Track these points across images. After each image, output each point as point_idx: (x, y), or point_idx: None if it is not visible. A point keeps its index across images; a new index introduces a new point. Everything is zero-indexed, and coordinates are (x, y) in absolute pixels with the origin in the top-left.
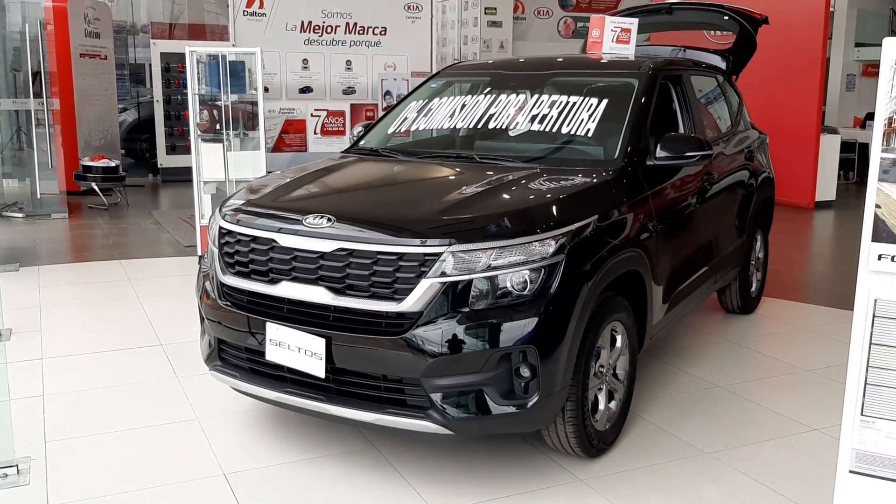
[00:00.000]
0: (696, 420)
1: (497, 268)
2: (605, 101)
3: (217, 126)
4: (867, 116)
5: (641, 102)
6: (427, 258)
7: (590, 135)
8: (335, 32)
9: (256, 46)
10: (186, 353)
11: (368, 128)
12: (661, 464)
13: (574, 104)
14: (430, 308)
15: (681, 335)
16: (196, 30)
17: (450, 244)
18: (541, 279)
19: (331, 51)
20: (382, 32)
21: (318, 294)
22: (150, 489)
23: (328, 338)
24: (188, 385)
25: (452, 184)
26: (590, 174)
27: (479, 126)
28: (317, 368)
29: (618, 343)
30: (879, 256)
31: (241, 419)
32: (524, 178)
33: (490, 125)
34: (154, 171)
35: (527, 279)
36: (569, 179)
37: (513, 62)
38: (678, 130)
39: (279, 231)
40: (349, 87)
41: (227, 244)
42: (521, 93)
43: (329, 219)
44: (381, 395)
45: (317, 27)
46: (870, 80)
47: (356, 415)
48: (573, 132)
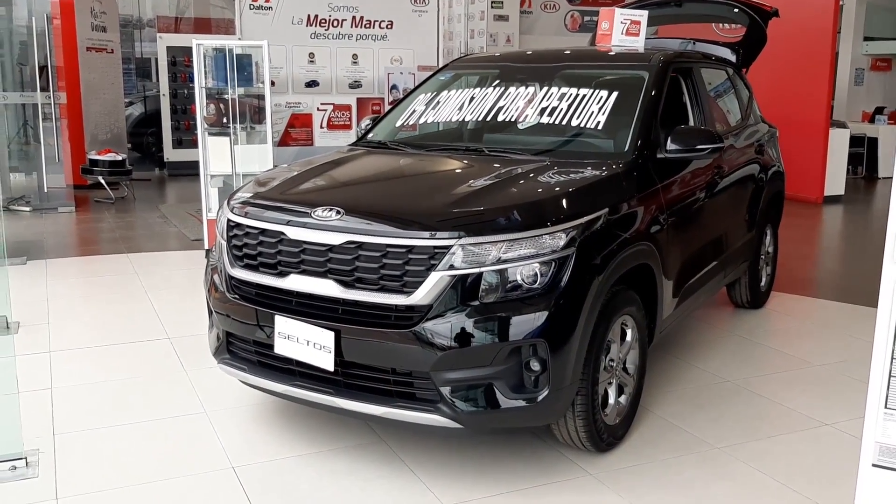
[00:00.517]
0: (707, 415)
1: (507, 261)
2: (616, 94)
3: (224, 120)
4: (876, 111)
5: (652, 95)
6: (437, 251)
7: (600, 127)
8: (341, 26)
9: (263, 40)
10: (194, 347)
11: (376, 120)
12: (672, 459)
13: (584, 97)
14: (440, 301)
15: (690, 329)
16: (202, 24)
17: (459, 237)
18: (551, 272)
19: (337, 45)
20: (389, 26)
21: (327, 287)
22: (159, 482)
23: (337, 331)
24: (196, 378)
25: (462, 177)
26: (600, 167)
27: (488, 119)
28: (326, 362)
29: (628, 337)
30: None
31: (250, 412)
32: (534, 171)
33: (499, 118)
34: (160, 165)
35: (537, 272)
36: (579, 172)
37: (522, 55)
38: (688, 123)
39: (288, 224)
40: (355, 81)
41: (236, 237)
42: (531, 85)
43: (338, 211)
44: (391, 389)
45: (323, 21)
46: (878, 75)
47: (365, 408)
48: (583, 125)
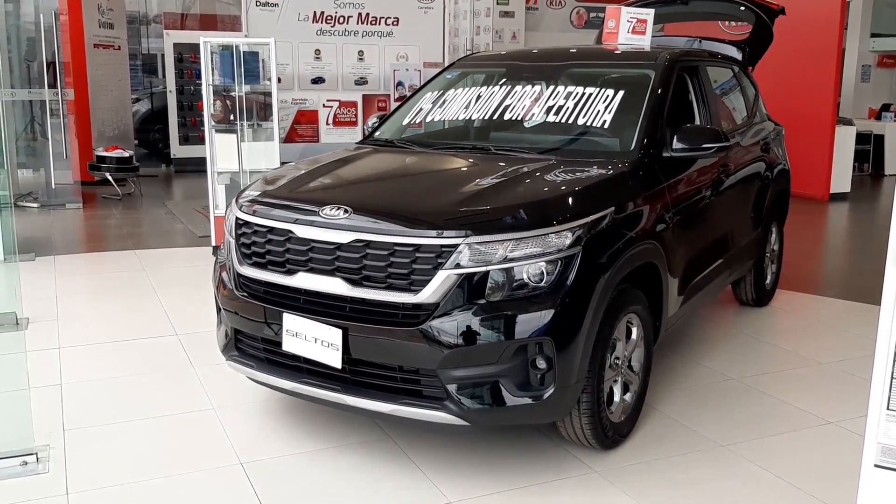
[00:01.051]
0: (712, 413)
1: (513, 259)
2: (622, 93)
3: (231, 116)
4: (883, 107)
5: (658, 94)
6: (444, 250)
7: (606, 126)
8: (347, 23)
9: (269, 37)
10: (202, 343)
11: (383, 119)
12: (677, 456)
13: (590, 95)
14: (447, 299)
15: (695, 327)
16: (208, 20)
17: (466, 236)
18: (557, 271)
19: (343, 41)
20: (395, 23)
21: (335, 285)
22: (168, 478)
23: (345, 328)
24: (204, 375)
25: (468, 175)
26: (606, 166)
27: (495, 117)
28: (333, 359)
29: (633, 335)
30: None
31: (257, 409)
32: (540, 170)
33: (506, 116)
34: (167, 162)
35: (543, 271)
36: (585, 171)
37: (528, 53)
38: (694, 122)
39: (296, 222)
40: (361, 78)
41: (244, 235)
42: (537, 84)
43: (345, 210)
44: (398, 386)
45: (329, 17)
46: (885, 71)
47: (372, 405)
48: (589, 123)
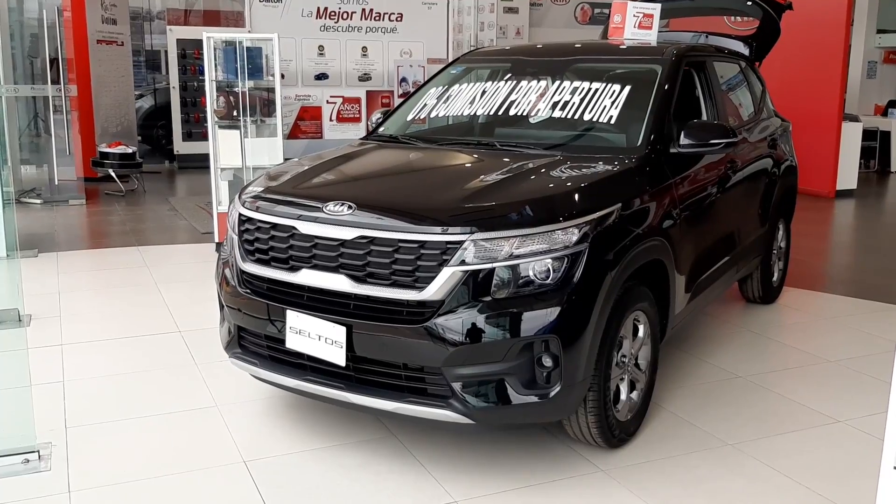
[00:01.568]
0: (718, 411)
1: (519, 256)
2: (628, 88)
3: (234, 113)
4: (889, 104)
5: (665, 89)
6: (448, 246)
7: (612, 122)
8: (351, 19)
9: (272, 33)
10: (205, 340)
11: (388, 114)
12: (684, 455)
13: (596, 91)
14: (452, 297)
15: (701, 324)
16: (211, 16)
17: (471, 232)
18: (564, 268)
19: (346, 37)
20: (398, 19)
21: (339, 282)
22: (171, 476)
23: (349, 326)
24: (207, 372)
25: (473, 171)
26: (613, 162)
27: (500, 113)
28: (337, 357)
29: (640, 333)
30: None
31: (261, 407)
32: (546, 166)
33: (511, 112)
34: (170, 158)
35: (549, 268)
36: (591, 167)
37: (533, 48)
38: (701, 118)
39: (299, 218)
40: (365, 74)
41: (247, 231)
42: (543, 79)
43: (350, 206)
44: (402, 384)
45: (332, 13)
46: (891, 68)
47: (376, 403)
48: (595, 119)
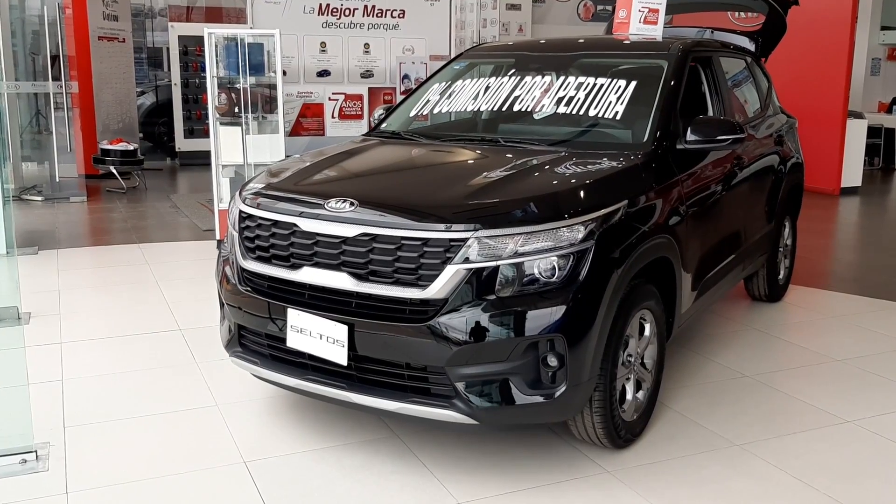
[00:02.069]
0: (725, 410)
1: (524, 254)
2: (634, 83)
3: (235, 109)
4: (893, 101)
5: (671, 84)
6: (452, 244)
7: (618, 118)
8: (353, 15)
9: (275, 29)
10: (205, 338)
11: (390, 110)
12: (690, 455)
13: (602, 86)
14: (455, 295)
15: (707, 323)
16: (213, 13)
17: (475, 230)
18: (569, 266)
19: (349, 34)
20: (401, 15)
21: (341, 280)
22: (170, 476)
23: (350, 325)
24: (207, 370)
25: (477, 168)
26: (618, 158)
27: (504, 109)
28: (339, 356)
29: (646, 331)
30: None
31: (262, 406)
32: (551, 162)
33: (515, 108)
34: (172, 155)
35: (555, 266)
36: (597, 163)
37: (537, 43)
38: (708, 114)
39: (301, 215)
40: (367, 71)
41: (248, 228)
42: (547, 75)
43: (352, 203)
44: (405, 384)
45: (335, 10)
46: (895, 65)
47: (379, 403)
48: (601, 115)
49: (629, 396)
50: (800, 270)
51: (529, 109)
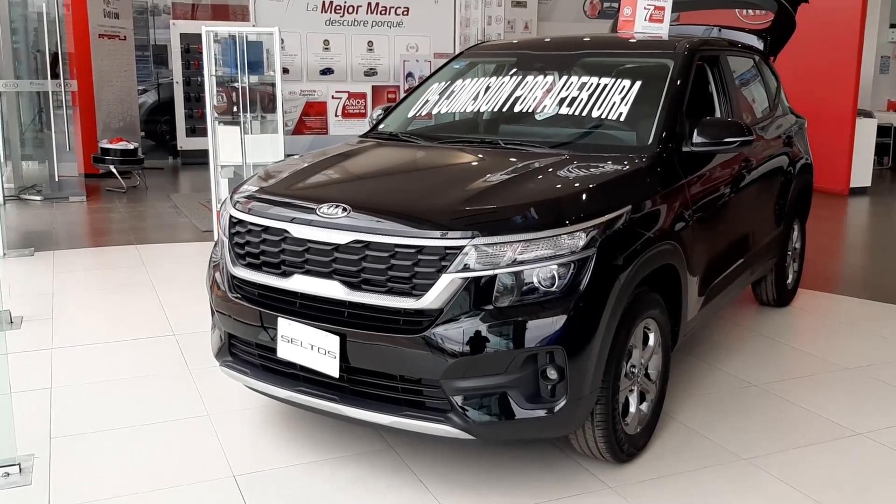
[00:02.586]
0: (732, 422)
1: (523, 262)
2: (639, 83)
3: (234, 108)
4: None
5: (677, 85)
6: (448, 251)
7: (622, 119)
8: (357, 13)
9: (275, 27)
10: (199, 344)
11: (388, 111)
12: (695, 470)
13: (605, 86)
14: (451, 305)
15: (713, 329)
16: (219, 11)
17: (472, 237)
18: (570, 275)
19: (352, 32)
20: (405, 13)
21: (333, 288)
22: (155, 491)
23: (342, 335)
24: (200, 378)
25: (476, 171)
26: (622, 161)
27: (504, 109)
28: (330, 367)
29: (650, 341)
30: None
31: (254, 416)
32: (552, 166)
33: (516, 108)
34: (174, 154)
35: (555, 274)
36: (600, 167)
37: (540, 42)
38: (715, 114)
39: (292, 221)
40: (371, 69)
41: (238, 234)
42: (549, 74)
43: (344, 208)
44: (399, 397)
45: (338, 7)
46: None
47: (372, 417)
48: (604, 116)
49: (632, 409)
50: (809, 274)
51: (531, 110)
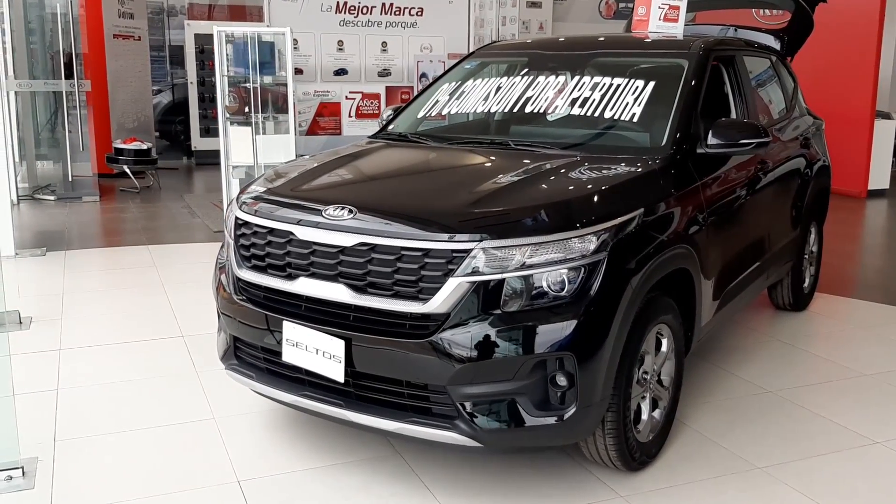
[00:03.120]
0: (746, 430)
1: (532, 266)
2: (653, 84)
3: (246, 109)
4: None
5: (692, 85)
6: (455, 255)
7: (635, 120)
8: (371, 13)
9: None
10: (207, 346)
11: (398, 111)
12: (709, 479)
13: (618, 87)
14: (459, 309)
15: (728, 334)
16: (235, 11)
17: (481, 240)
18: (580, 279)
19: (366, 32)
20: (419, 13)
21: (338, 292)
22: (158, 496)
23: (348, 339)
24: (207, 381)
25: (485, 173)
26: (635, 163)
27: (516, 110)
28: (336, 372)
29: (663, 347)
30: None
31: (260, 419)
32: (563, 168)
33: (527, 109)
34: (188, 154)
35: (565, 279)
36: (612, 169)
37: (552, 42)
38: (730, 116)
39: (298, 223)
40: (385, 70)
41: (244, 236)
42: (561, 74)
43: (350, 210)
44: (405, 403)
45: (352, 8)
46: None
47: (377, 423)
48: (617, 117)
49: (644, 416)
50: (825, 277)
51: (542, 111)
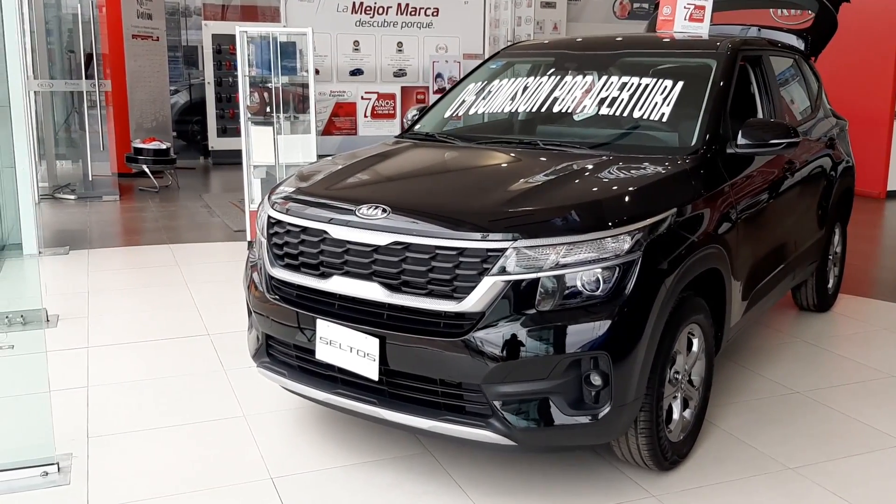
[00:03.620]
0: (775, 430)
1: (566, 265)
2: (681, 84)
3: (267, 109)
4: None
5: (720, 85)
6: (490, 254)
7: (664, 120)
8: (386, 14)
9: (307, 28)
10: (234, 344)
11: (424, 111)
12: (740, 479)
13: (647, 86)
14: (493, 309)
15: (753, 335)
16: (248, 12)
17: (514, 239)
18: (615, 278)
19: (382, 32)
20: (434, 14)
21: (372, 290)
22: (193, 493)
23: (382, 337)
24: (235, 379)
25: (516, 172)
26: (665, 163)
27: (543, 110)
28: (370, 370)
29: (694, 347)
30: None
31: (291, 417)
32: (594, 167)
33: (555, 109)
34: (205, 154)
35: (599, 278)
36: (643, 169)
37: (578, 41)
38: (757, 115)
39: (331, 222)
40: (400, 70)
41: (276, 235)
42: (588, 74)
43: (384, 209)
44: (438, 401)
45: (368, 8)
46: None
47: (411, 421)
48: (646, 117)
49: (676, 416)
50: (848, 278)
51: (570, 111)
